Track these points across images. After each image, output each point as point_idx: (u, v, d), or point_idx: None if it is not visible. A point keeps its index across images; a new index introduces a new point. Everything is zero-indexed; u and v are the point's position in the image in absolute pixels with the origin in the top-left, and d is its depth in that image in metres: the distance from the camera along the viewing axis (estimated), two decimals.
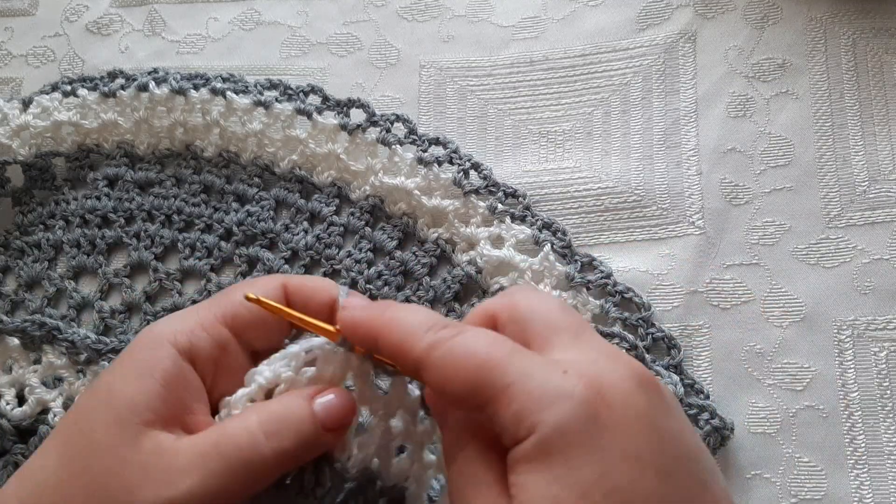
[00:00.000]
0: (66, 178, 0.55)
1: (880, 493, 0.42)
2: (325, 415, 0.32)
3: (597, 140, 0.51)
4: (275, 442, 0.31)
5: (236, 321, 0.35)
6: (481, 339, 0.29)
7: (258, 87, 0.53)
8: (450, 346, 0.29)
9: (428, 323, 0.30)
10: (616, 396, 0.26)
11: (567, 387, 0.26)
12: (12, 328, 0.47)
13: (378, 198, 0.50)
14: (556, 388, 0.26)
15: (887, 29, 0.51)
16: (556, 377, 0.27)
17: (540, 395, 0.26)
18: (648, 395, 0.27)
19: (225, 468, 0.30)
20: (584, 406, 0.26)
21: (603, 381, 0.27)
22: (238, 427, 0.31)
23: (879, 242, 0.47)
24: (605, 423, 0.26)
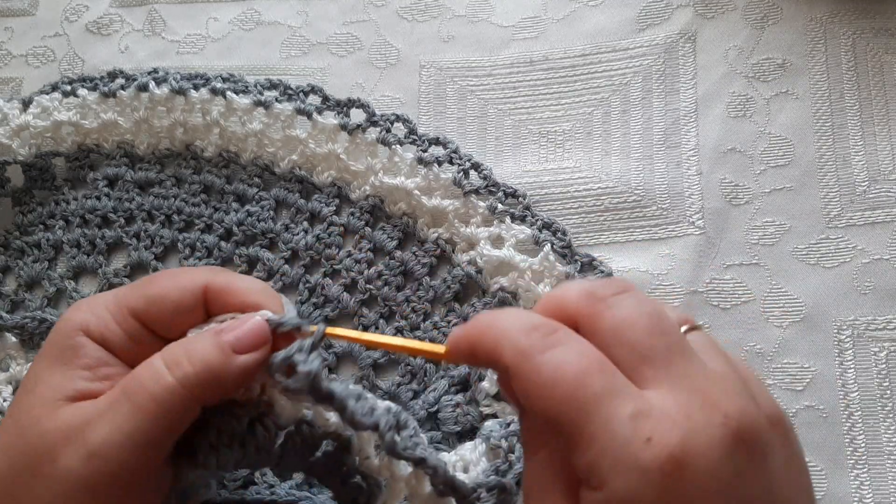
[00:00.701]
0: (66, 178, 0.55)
1: (880, 493, 0.42)
2: (234, 338, 0.31)
3: (597, 140, 0.51)
4: (178, 371, 0.30)
5: (147, 316, 0.33)
6: (575, 360, 0.26)
7: (258, 87, 0.53)
8: (541, 362, 0.27)
9: (527, 325, 0.28)
10: (699, 468, 0.24)
11: (646, 458, 0.24)
12: (11, 324, 0.47)
13: (378, 198, 0.50)
14: (634, 456, 0.24)
15: (887, 29, 0.51)
16: (638, 443, 0.25)
17: (616, 458, 0.25)
18: (737, 458, 0.25)
19: (134, 408, 0.30)
20: (660, 481, 0.24)
21: (686, 453, 0.24)
22: (142, 366, 0.31)
23: (879, 242, 0.47)
24: (682, 496, 0.24)
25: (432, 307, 0.48)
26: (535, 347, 0.27)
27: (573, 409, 0.26)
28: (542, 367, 0.26)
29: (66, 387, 0.31)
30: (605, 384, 0.26)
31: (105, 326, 0.33)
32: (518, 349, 0.27)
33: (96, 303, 0.34)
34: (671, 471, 0.24)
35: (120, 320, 0.33)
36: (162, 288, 0.34)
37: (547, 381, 0.26)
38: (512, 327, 0.28)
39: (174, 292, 0.33)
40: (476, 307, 0.47)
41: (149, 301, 0.34)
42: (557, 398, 0.26)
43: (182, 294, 0.33)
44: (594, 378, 0.26)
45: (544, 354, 0.27)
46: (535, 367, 0.27)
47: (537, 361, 0.27)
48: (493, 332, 0.28)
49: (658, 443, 0.24)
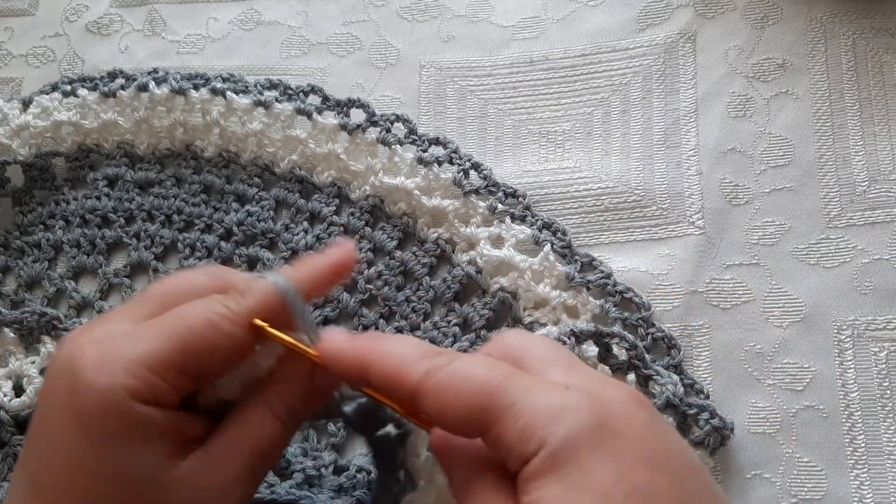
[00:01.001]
0: (66, 178, 0.55)
1: (880, 493, 0.42)
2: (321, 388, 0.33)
3: (597, 140, 0.51)
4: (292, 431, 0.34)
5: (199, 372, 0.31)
6: (478, 363, 0.29)
7: (258, 87, 0.53)
8: (447, 372, 0.28)
9: (421, 351, 0.30)
10: (619, 409, 0.27)
11: (571, 401, 0.27)
12: (11, 319, 0.47)
13: (378, 198, 0.50)
14: (560, 402, 0.27)
15: (887, 29, 0.51)
16: (559, 393, 0.27)
17: (546, 410, 0.26)
18: (647, 410, 0.28)
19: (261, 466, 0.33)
20: (591, 416, 0.26)
21: (604, 396, 0.27)
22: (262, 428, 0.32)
23: (879, 242, 0.47)
24: (615, 430, 0.26)
25: (432, 307, 0.48)
26: (438, 364, 0.29)
27: (492, 392, 0.27)
28: (452, 374, 0.28)
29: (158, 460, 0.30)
30: (512, 370, 0.29)
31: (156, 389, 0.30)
32: (423, 370, 0.29)
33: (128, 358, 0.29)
34: (597, 404, 0.27)
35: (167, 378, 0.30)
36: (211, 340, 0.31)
37: (458, 384, 0.28)
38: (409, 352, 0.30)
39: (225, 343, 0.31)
40: (476, 307, 0.47)
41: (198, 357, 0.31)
42: (473, 392, 0.28)
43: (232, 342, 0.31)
44: (501, 367, 0.28)
45: (443, 370, 0.28)
46: (443, 377, 0.28)
47: (444, 372, 0.28)
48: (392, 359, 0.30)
49: (576, 389, 0.27)
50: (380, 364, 0.30)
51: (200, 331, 0.30)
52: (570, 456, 0.25)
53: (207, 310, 0.31)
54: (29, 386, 0.47)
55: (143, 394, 0.29)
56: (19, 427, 0.47)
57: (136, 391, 0.29)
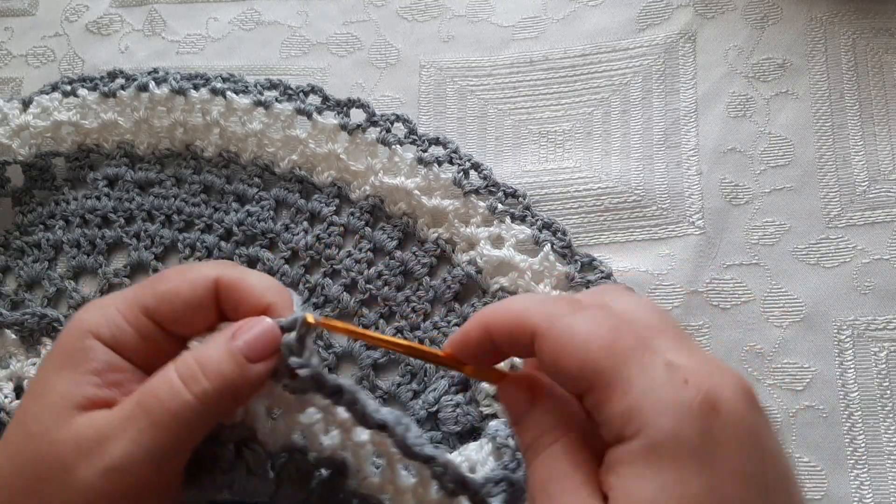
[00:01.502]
0: (66, 178, 0.55)
1: (880, 493, 0.42)
2: (246, 347, 0.31)
3: (597, 140, 0.51)
4: (195, 387, 0.30)
5: (159, 313, 0.33)
6: (605, 320, 0.28)
7: (258, 87, 0.53)
8: (573, 320, 0.28)
9: (549, 298, 0.29)
10: (729, 413, 0.26)
11: (686, 397, 0.26)
12: (12, 321, 0.47)
13: (378, 198, 0.50)
14: (675, 395, 0.26)
15: (887, 29, 0.51)
16: (677, 384, 0.26)
17: (657, 397, 0.26)
18: (755, 411, 0.27)
19: (152, 423, 0.30)
20: (699, 420, 0.25)
21: (718, 396, 0.26)
22: (158, 380, 0.31)
23: (879, 242, 0.47)
24: (718, 438, 0.25)
25: (432, 307, 0.48)
26: (564, 311, 0.28)
27: (609, 357, 0.27)
28: (576, 326, 0.28)
29: (75, 394, 0.31)
30: (637, 339, 0.27)
31: (116, 327, 0.32)
32: (548, 312, 0.28)
33: (106, 304, 0.33)
34: (709, 408, 0.26)
35: (131, 320, 0.33)
36: (172, 284, 0.33)
37: (581, 335, 0.27)
38: (533, 300, 0.30)
39: (185, 288, 0.33)
40: (476, 307, 0.47)
41: (159, 298, 0.33)
42: (594, 350, 0.27)
43: (193, 289, 0.33)
44: (627, 333, 0.27)
45: (574, 315, 0.28)
46: (568, 326, 0.28)
47: (569, 321, 0.28)
48: (514, 307, 0.30)
49: (694, 385, 0.26)
50: (501, 316, 0.30)
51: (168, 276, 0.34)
52: (668, 455, 0.25)
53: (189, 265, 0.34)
54: None
55: (101, 328, 0.32)
56: None
57: (96, 326, 0.32)
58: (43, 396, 0.31)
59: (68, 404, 0.31)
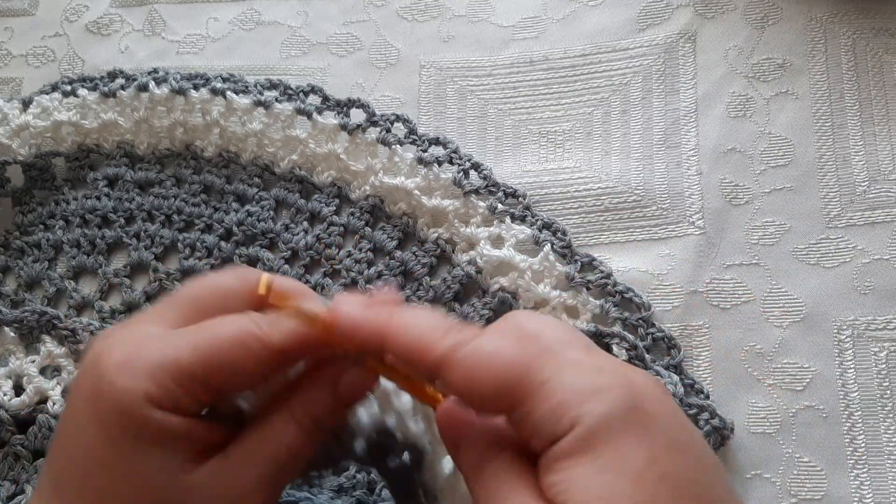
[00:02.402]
0: (66, 178, 0.55)
1: (880, 493, 0.42)
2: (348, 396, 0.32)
3: (597, 140, 0.51)
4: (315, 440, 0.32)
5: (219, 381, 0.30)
6: (505, 339, 0.28)
7: (258, 87, 0.53)
8: (475, 346, 0.28)
9: (444, 325, 0.29)
10: (649, 394, 0.27)
11: (605, 382, 0.26)
12: (11, 318, 0.47)
13: (378, 198, 0.50)
14: (594, 382, 0.26)
15: (887, 29, 0.51)
16: (592, 373, 0.27)
17: (579, 389, 0.26)
18: (670, 396, 0.28)
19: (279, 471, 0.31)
20: (624, 398, 0.26)
21: (634, 380, 0.27)
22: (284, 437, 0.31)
23: (879, 242, 0.47)
24: (645, 413, 0.26)
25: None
26: (464, 338, 0.28)
27: (523, 368, 0.27)
28: (481, 348, 0.28)
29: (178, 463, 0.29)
30: (543, 347, 0.28)
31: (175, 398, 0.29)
32: (449, 342, 0.28)
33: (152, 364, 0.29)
34: (629, 388, 0.27)
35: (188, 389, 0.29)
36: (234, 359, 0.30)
37: (486, 358, 0.28)
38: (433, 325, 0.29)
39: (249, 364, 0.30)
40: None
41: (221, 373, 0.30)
42: (503, 367, 0.27)
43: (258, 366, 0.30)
44: (531, 343, 0.28)
45: (477, 340, 0.28)
46: (471, 351, 0.28)
47: (473, 346, 0.28)
48: (414, 330, 0.29)
49: (608, 371, 0.27)
50: (401, 336, 0.29)
51: (230, 348, 0.30)
52: (603, 437, 0.25)
53: (240, 328, 0.30)
54: (29, 385, 0.47)
55: (162, 400, 0.29)
56: (19, 426, 0.47)
57: (155, 397, 0.29)
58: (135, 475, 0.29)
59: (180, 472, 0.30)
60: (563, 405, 0.26)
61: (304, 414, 0.32)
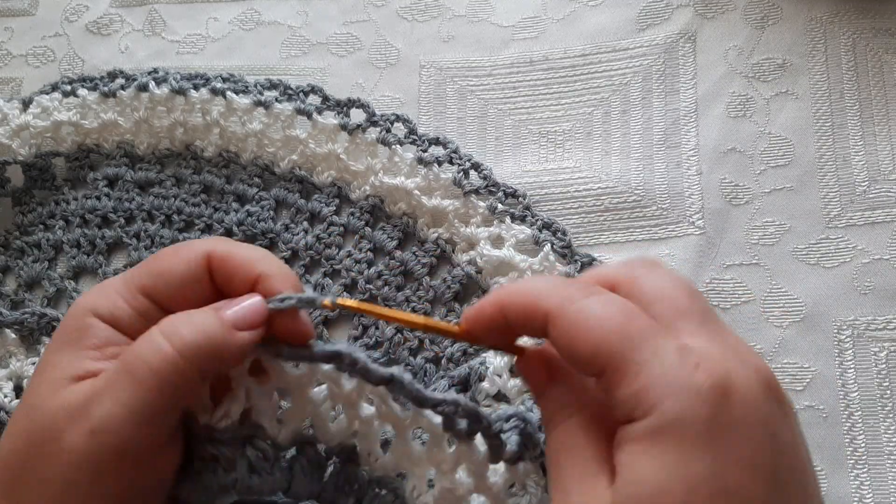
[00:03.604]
0: (66, 178, 0.55)
1: (880, 493, 0.42)
2: (233, 314, 0.32)
3: (597, 140, 0.51)
4: (177, 340, 0.30)
5: (156, 291, 0.34)
6: (617, 305, 0.28)
7: (258, 87, 0.53)
8: (586, 304, 0.28)
9: (556, 282, 0.30)
10: (741, 400, 0.26)
11: (696, 381, 0.26)
12: (11, 320, 0.47)
13: (378, 198, 0.50)
14: (685, 379, 0.26)
15: (887, 29, 0.51)
16: (688, 368, 0.26)
17: (667, 381, 0.26)
18: (772, 402, 0.27)
19: (134, 381, 0.30)
20: (709, 404, 0.25)
21: (732, 382, 0.26)
22: (140, 340, 0.31)
23: (879, 242, 0.47)
24: (727, 424, 0.25)
25: (432, 307, 0.48)
26: (577, 294, 0.28)
27: (621, 341, 0.27)
28: (589, 308, 0.28)
29: (73, 367, 0.32)
30: (649, 323, 0.27)
31: (114, 306, 0.33)
32: (561, 295, 0.28)
33: (105, 285, 0.34)
34: (720, 394, 0.26)
35: (129, 299, 0.33)
36: (167, 263, 0.34)
37: (593, 319, 0.27)
38: (548, 283, 0.30)
39: (179, 265, 0.34)
40: None
41: (155, 276, 0.34)
42: (606, 333, 0.27)
43: (187, 265, 0.34)
44: (639, 317, 0.28)
45: (587, 299, 0.28)
46: (581, 308, 0.28)
47: (583, 304, 0.28)
48: (528, 289, 0.30)
49: (706, 369, 0.26)
50: (516, 297, 0.30)
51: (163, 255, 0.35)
52: (673, 437, 0.25)
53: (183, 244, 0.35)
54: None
55: (100, 307, 0.33)
56: None
57: (94, 305, 0.33)
58: (44, 373, 0.32)
59: (65, 376, 0.31)
60: (645, 391, 0.26)
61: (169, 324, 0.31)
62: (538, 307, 0.29)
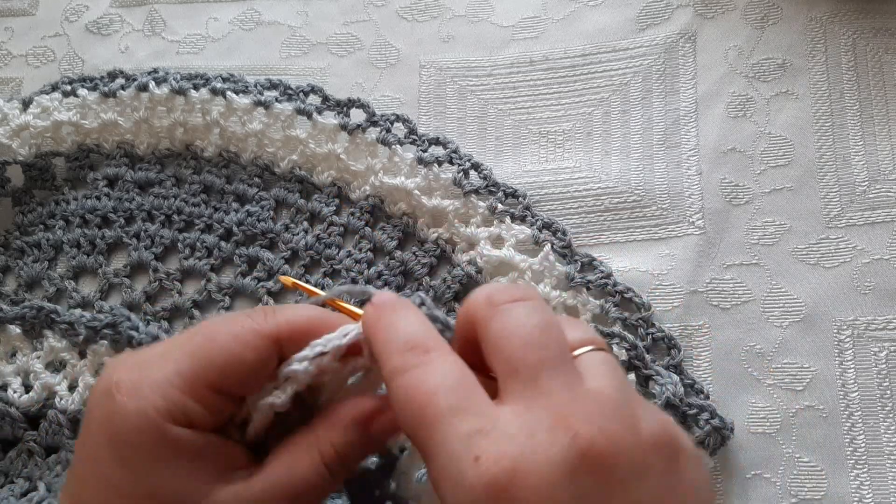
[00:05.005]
0: (66, 178, 0.55)
1: (880, 493, 0.42)
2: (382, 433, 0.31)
3: (597, 140, 0.51)
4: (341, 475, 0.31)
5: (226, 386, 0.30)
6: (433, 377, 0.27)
7: (258, 87, 0.53)
8: (408, 379, 0.27)
9: (411, 341, 0.28)
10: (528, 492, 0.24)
11: (470, 479, 0.24)
12: (12, 316, 0.47)
13: (378, 198, 0.50)
14: (461, 475, 0.24)
15: (887, 29, 0.51)
16: (467, 462, 0.24)
17: (447, 475, 0.25)
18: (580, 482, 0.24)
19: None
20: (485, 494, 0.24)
21: (517, 472, 0.24)
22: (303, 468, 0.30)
23: (879, 242, 0.47)
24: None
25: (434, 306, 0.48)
26: (409, 364, 0.27)
27: (420, 426, 0.26)
28: (401, 387, 0.27)
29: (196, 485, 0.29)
30: (452, 403, 0.26)
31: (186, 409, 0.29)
32: (397, 364, 0.28)
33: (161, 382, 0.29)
34: (495, 493, 0.24)
35: (198, 398, 0.30)
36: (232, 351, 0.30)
37: (402, 399, 0.27)
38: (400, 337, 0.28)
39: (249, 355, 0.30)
40: None
41: (224, 370, 0.30)
42: (409, 415, 0.26)
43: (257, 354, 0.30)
44: (442, 397, 0.26)
45: (406, 374, 0.27)
46: (402, 383, 0.27)
47: (406, 378, 0.27)
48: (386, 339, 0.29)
49: (485, 462, 0.24)
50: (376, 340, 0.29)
51: (224, 343, 0.30)
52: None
53: (231, 323, 0.31)
54: (36, 381, 0.47)
55: (175, 414, 0.29)
56: (30, 423, 0.47)
57: (167, 412, 0.29)
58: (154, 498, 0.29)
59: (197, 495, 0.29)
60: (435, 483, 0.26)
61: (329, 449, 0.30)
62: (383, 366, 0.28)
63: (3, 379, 0.48)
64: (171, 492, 0.29)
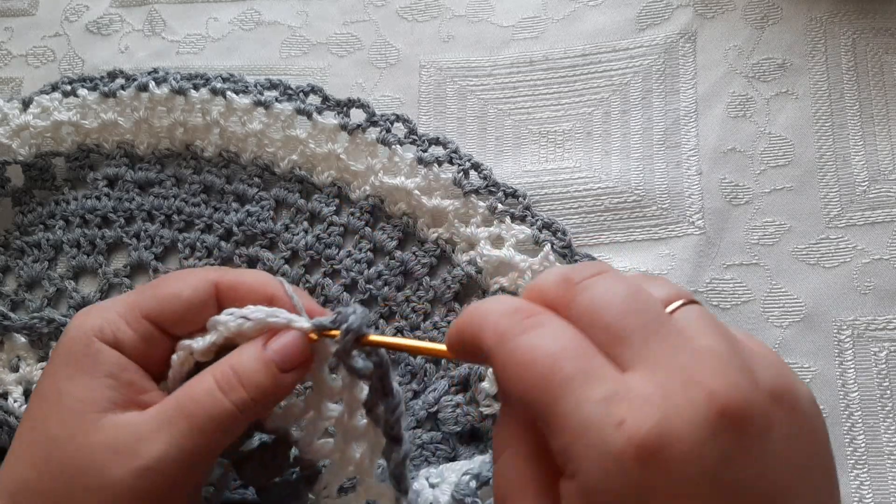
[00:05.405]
0: (66, 178, 0.55)
1: (880, 493, 0.42)
2: (279, 358, 0.32)
3: (597, 140, 0.51)
4: (234, 395, 0.31)
5: (162, 316, 0.34)
6: (553, 341, 0.25)
7: (258, 87, 0.53)
8: (516, 345, 0.26)
9: (508, 308, 0.27)
10: (677, 453, 0.23)
11: (616, 444, 0.23)
12: (20, 325, 0.47)
13: (378, 198, 0.50)
14: (604, 441, 0.23)
15: (887, 29, 0.51)
16: (609, 427, 0.23)
17: (588, 442, 0.23)
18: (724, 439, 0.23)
19: (191, 427, 0.31)
20: (631, 471, 0.23)
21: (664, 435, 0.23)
22: (198, 387, 0.32)
23: (879, 242, 0.47)
24: (655, 488, 0.23)
25: (432, 307, 0.48)
26: (513, 330, 0.26)
27: (545, 391, 0.25)
28: (517, 350, 0.26)
29: (96, 398, 0.32)
30: (579, 367, 0.25)
31: (118, 329, 0.33)
32: (497, 332, 0.27)
33: (106, 307, 0.34)
34: (645, 457, 0.23)
35: (132, 322, 0.33)
36: (174, 288, 0.34)
37: (520, 364, 0.25)
38: (493, 311, 0.27)
39: (187, 291, 0.34)
40: None
41: (161, 301, 0.34)
42: (530, 381, 0.25)
43: (194, 291, 0.34)
44: (566, 361, 0.25)
45: (520, 337, 0.26)
46: (511, 350, 0.26)
47: (513, 344, 0.26)
48: (476, 317, 0.28)
49: (631, 426, 0.23)
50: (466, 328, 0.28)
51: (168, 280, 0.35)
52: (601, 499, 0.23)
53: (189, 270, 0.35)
54: None
55: (105, 332, 0.33)
56: None
57: (98, 329, 0.33)
58: (60, 402, 0.32)
59: (92, 408, 0.31)
60: (569, 451, 0.24)
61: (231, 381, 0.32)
62: (481, 344, 0.27)
63: (5, 387, 0.48)
64: (74, 399, 0.32)
